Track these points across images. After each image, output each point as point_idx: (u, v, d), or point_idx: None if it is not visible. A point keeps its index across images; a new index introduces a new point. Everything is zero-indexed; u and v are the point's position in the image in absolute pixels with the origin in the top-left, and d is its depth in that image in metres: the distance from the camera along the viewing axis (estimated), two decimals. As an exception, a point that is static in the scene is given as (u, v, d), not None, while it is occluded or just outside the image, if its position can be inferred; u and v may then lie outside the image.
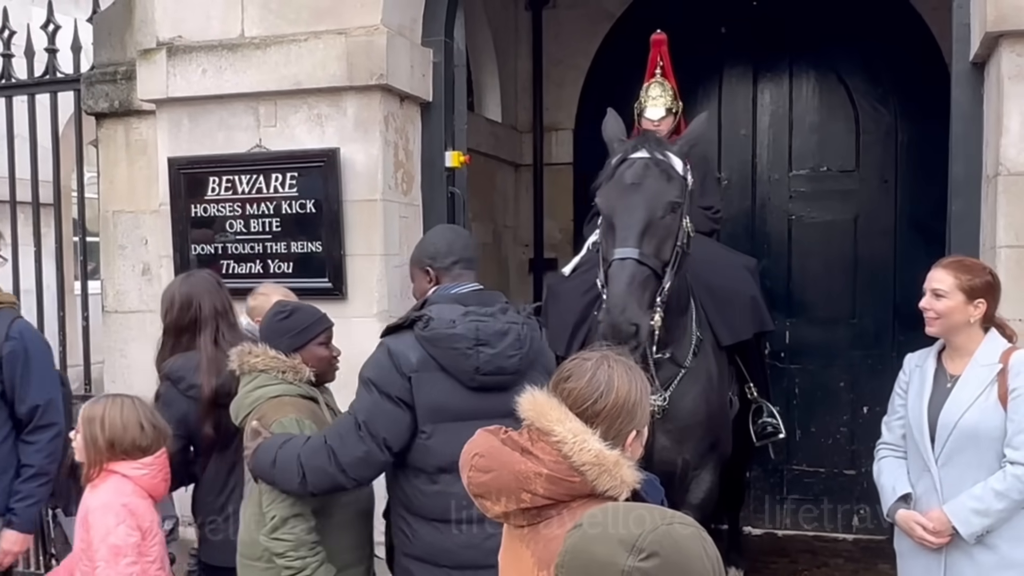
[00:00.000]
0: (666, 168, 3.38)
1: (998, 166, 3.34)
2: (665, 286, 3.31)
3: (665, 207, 3.32)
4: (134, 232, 4.89)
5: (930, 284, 3.05)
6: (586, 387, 1.92)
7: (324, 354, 3.19)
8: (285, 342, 3.13)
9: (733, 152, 6.41)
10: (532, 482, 1.85)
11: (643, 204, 3.27)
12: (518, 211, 6.88)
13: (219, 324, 3.47)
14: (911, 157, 6.02)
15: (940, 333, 3.08)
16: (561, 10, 6.72)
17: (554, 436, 1.86)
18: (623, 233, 3.24)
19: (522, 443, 1.90)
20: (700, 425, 3.71)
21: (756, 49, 6.32)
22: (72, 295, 6.11)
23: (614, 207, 3.33)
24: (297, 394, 3.07)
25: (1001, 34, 3.31)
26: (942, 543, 3.00)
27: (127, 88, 4.75)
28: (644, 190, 3.31)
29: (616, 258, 3.21)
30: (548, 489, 1.85)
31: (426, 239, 3.17)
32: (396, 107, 4.22)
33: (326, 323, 3.23)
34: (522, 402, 1.94)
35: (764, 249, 6.28)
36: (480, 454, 1.94)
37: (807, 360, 6.28)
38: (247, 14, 4.27)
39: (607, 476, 1.85)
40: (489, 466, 1.91)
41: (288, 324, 3.16)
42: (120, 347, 4.94)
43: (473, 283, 2.93)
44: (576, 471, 1.84)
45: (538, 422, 1.89)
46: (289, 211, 4.21)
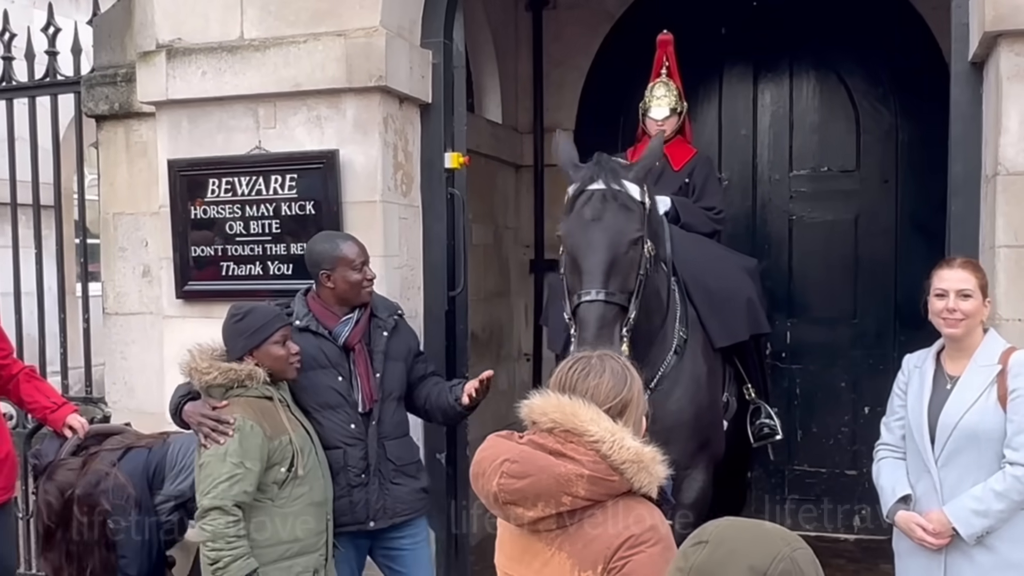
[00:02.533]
0: (623, 200, 3.43)
1: (997, 166, 3.34)
2: (631, 315, 3.39)
3: (627, 244, 3.38)
4: (134, 234, 4.89)
5: (953, 285, 3.02)
6: (611, 380, 1.94)
7: (280, 353, 3.29)
8: (241, 343, 3.26)
9: (734, 152, 6.41)
10: (574, 484, 1.83)
11: (605, 243, 3.34)
12: (519, 212, 6.87)
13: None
14: (912, 157, 6.01)
15: (963, 335, 3.06)
16: (561, 11, 6.72)
17: (590, 436, 1.85)
18: (589, 275, 3.31)
19: (551, 446, 1.88)
20: (686, 425, 3.73)
21: (756, 49, 6.31)
22: (73, 297, 6.12)
23: (577, 244, 3.40)
24: (251, 395, 3.20)
25: (999, 34, 3.31)
26: (942, 544, 3.00)
27: (127, 90, 4.75)
28: (605, 227, 3.36)
29: (584, 300, 3.29)
30: (589, 490, 1.84)
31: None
32: (395, 108, 4.22)
33: (280, 322, 3.33)
34: (539, 405, 1.92)
35: (765, 249, 6.28)
36: (511, 459, 1.89)
37: (808, 360, 6.27)
38: (246, 16, 4.27)
39: (644, 473, 1.87)
40: (525, 471, 1.87)
41: (242, 326, 3.28)
42: (121, 349, 4.94)
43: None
44: (616, 470, 1.84)
45: (568, 423, 1.88)
46: (289, 213, 4.20)
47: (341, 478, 3.45)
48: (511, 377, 6.66)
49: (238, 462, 3.08)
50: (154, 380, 4.69)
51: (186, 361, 3.27)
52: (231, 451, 3.09)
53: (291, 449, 3.21)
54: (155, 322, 4.73)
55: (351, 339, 3.52)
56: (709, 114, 6.45)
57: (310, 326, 3.51)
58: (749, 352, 4.37)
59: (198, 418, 3.19)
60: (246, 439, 3.11)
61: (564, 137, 3.73)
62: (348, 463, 3.47)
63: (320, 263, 3.53)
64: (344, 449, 3.47)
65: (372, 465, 3.50)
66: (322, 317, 3.54)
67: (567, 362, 2.04)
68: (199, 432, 3.19)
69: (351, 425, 3.49)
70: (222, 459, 3.09)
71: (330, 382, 3.48)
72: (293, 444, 3.21)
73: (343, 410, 3.49)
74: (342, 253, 3.51)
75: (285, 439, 3.20)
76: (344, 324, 3.53)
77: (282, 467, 3.19)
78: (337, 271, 3.50)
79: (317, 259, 3.55)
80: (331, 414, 3.47)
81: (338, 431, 3.47)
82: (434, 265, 4.40)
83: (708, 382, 3.87)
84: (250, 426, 3.12)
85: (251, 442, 3.11)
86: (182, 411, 3.28)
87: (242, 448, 3.10)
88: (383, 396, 3.55)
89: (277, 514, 3.19)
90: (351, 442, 3.48)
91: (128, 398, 4.92)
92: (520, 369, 6.80)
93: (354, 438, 3.49)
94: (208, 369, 3.19)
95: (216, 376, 3.18)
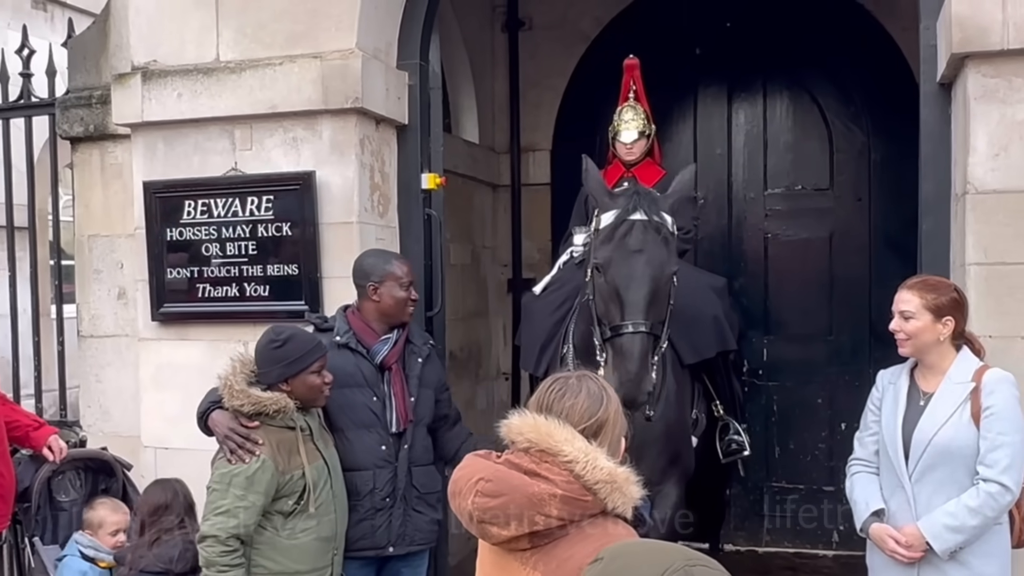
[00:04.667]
0: (665, 233, 3.47)
1: (966, 184, 3.38)
2: (663, 345, 3.47)
3: (667, 277, 3.45)
4: (109, 256, 4.87)
5: (897, 306, 3.09)
6: (586, 401, 1.95)
7: (316, 382, 3.25)
8: (277, 371, 3.20)
9: (709, 171, 6.45)
10: (547, 504, 1.84)
11: (649, 276, 3.38)
12: (496, 231, 6.89)
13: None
14: (884, 175, 6.07)
15: (912, 353, 3.12)
16: (537, 32, 6.76)
17: (564, 456, 1.86)
18: (632, 306, 3.34)
19: (526, 466, 1.88)
20: (656, 441, 3.76)
21: (730, 70, 6.37)
22: (48, 319, 6.07)
23: (619, 275, 3.41)
24: (273, 424, 3.17)
25: (967, 55, 3.36)
26: (915, 558, 3.02)
27: (102, 112, 4.74)
28: (648, 261, 3.40)
29: (627, 332, 3.33)
30: (562, 510, 1.84)
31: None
32: (372, 130, 4.23)
33: (320, 351, 3.29)
34: (516, 424, 1.93)
35: (741, 267, 6.33)
36: (486, 478, 1.89)
37: (785, 377, 6.30)
38: (222, 38, 4.27)
39: (618, 494, 1.87)
40: (499, 491, 1.87)
41: (280, 353, 3.21)
42: (96, 372, 4.91)
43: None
44: (589, 490, 1.85)
45: (543, 443, 1.88)
46: (265, 234, 4.20)
47: (366, 500, 3.43)
48: (490, 396, 6.66)
49: (241, 495, 3.05)
50: (130, 403, 4.66)
51: (226, 374, 3.21)
52: (237, 483, 3.06)
53: (303, 483, 3.17)
54: (130, 344, 4.70)
55: (388, 359, 3.52)
56: (684, 134, 6.51)
57: (350, 343, 3.50)
58: (718, 369, 4.42)
59: (225, 431, 3.15)
60: (256, 472, 3.07)
61: (592, 163, 3.73)
62: (376, 485, 3.44)
63: (369, 275, 3.55)
64: (373, 471, 3.44)
65: (399, 489, 3.48)
66: (362, 334, 3.53)
67: (547, 382, 2.05)
68: (224, 445, 3.15)
69: (382, 447, 3.47)
70: (226, 489, 3.06)
71: (365, 401, 3.47)
72: (306, 478, 3.17)
73: (376, 431, 3.47)
74: (392, 268, 3.55)
75: (298, 473, 3.16)
76: (383, 343, 3.53)
77: (290, 500, 3.16)
78: (384, 285, 3.52)
79: (367, 271, 3.57)
80: (364, 434, 3.46)
81: (369, 452, 3.45)
82: (412, 286, 4.40)
83: (677, 399, 3.91)
84: (262, 460, 3.08)
85: (260, 476, 3.08)
86: (208, 418, 3.24)
87: (248, 481, 3.06)
88: (416, 420, 3.54)
89: (280, 545, 3.16)
90: (381, 464, 3.46)
91: (103, 421, 4.88)
92: (499, 388, 6.79)
93: (384, 460, 3.47)
94: (240, 395, 3.14)
95: (244, 404, 3.14)
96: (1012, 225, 3.33)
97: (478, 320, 6.57)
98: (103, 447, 4.33)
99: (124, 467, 4.18)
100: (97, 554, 3.81)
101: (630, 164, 4.64)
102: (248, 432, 3.13)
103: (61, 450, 3.98)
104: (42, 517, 3.98)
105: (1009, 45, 3.29)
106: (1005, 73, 3.35)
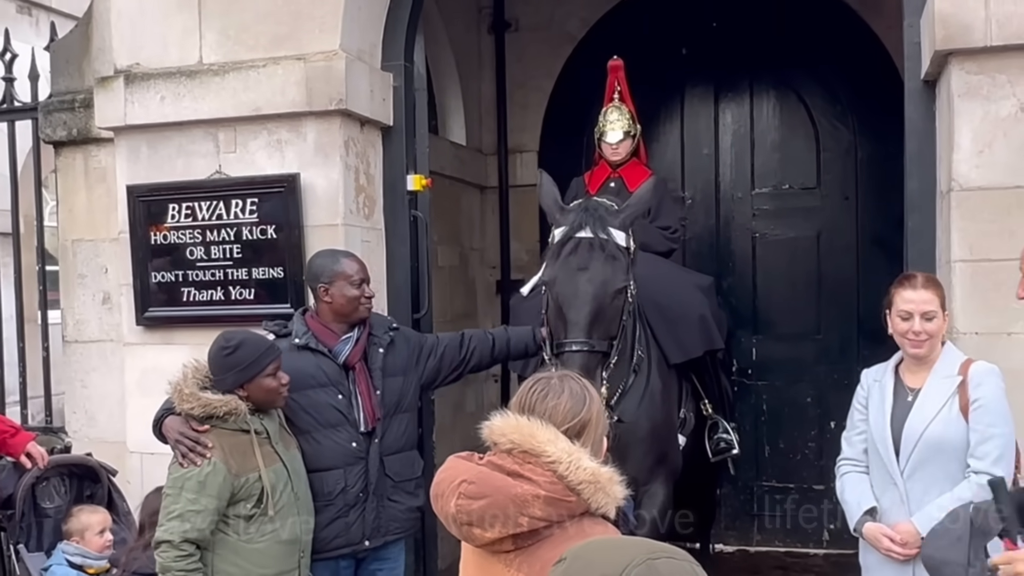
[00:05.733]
0: (610, 250, 3.46)
1: (951, 182, 3.39)
2: (612, 359, 3.46)
3: (612, 294, 3.43)
4: (94, 260, 4.84)
5: (919, 307, 3.02)
6: (569, 401, 1.94)
7: (272, 385, 3.23)
8: (231, 378, 3.18)
9: (696, 171, 6.46)
10: (530, 505, 1.82)
11: (591, 294, 3.38)
12: (484, 233, 6.87)
13: None
14: (871, 174, 6.08)
15: (927, 353, 3.08)
16: (523, 33, 6.75)
17: (547, 456, 1.84)
18: (574, 325, 3.36)
19: (508, 467, 1.87)
20: (642, 442, 3.75)
21: (717, 70, 6.37)
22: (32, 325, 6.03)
23: (562, 294, 3.42)
24: (226, 427, 3.16)
25: (950, 52, 3.36)
26: (910, 555, 3.01)
27: (85, 116, 4.72)
28: (591, 279, 3.40)
29: (568, 350, 3.35)
30: (545, 511, 1.83)
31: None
32: (356, 132, 4.21)
33: (273, 354, 3.25)
34: (499, 426, 1.92)
35: (729, 267, 6.33)
36: (469, 480, 1.88)
37: (774, 376, 6.30)
38: (205, 40, 4.25)
39: (601, 494, 1.86)
40: (482, 492, 1.85)
41: (232, 360, 3.18)
42: (81, 377, 4.88)
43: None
44: (572, 490, 1.83)
45: (526, 444, 1.87)
46: (250, 237, 4.18)
47: (339, 499, 3.40)
48: (479, 398, 6.64)
49: (193, 498, 3.04)
50: (115, 408, 4.63)
51: (177, 380, 3.19)
52: (189, 487, 3.05)
53: (259, 486, 3.14)
54: (116, 349, 4.67)
55: (351, 358, 3.48)
56: (671, 134, 6.51)
57: (309, 344, 3.47)
58: (705, 368, 4.42)
59: (176, 435, 3.14)
60: (207, 476, 3.06)
61: (547, 178, 3.73)
62: (348, 483, 3.42)
63: (319, 276, 3.51)
64: (344, 469, 3.42)
65: (372, 483, 3.46)
66: (321, 336, 3.49)
67: (528, 383, 2.04)
68: (176, 450, 3.14)
69: (352, 444, 3.44)
70: (179, 494, 3.06)
71: (330, 400, 3.44)
72: (263, 481, 3.15)
73: (344, 428, 3.44)
74: (341, 267, 3.50)
75: (253, 476, 3.14)
76: (344, 343, 3.49)
77: (248, 503, 3.14)
78: (335, 285, 3.47)
79: (316, 272, 3.53)
80: (331, 433, 3.43)
81: (338, 451, 3.42)
82: (398, 287, 4.38)
83: (663, 398, 3.91)
84: (213, 464, 3.07)
85: (211, 479, 3.06)
86: (162, 424, 3.22)
87: (200, 485, 3.05)
88: (385, 413, 3.51)
89: (242, 549, 3.14)
90: (351, 461, 3.43)
91: (89, 427, 4.85)
92: (488, 390, 6.77)
93: (355, 457, 3.44)
94: (190, 398, 3.13)
95: (194, 407, 3.12)
96: (997, 222, 3.34)
97: (466, 322, 6.54)
98: (88, 453, 4.29)
99: (109, 473, 4.15)
100: (85, 560, 3.79)
101: (616, 164, 4.64)
102: (198, 436, 3.11)
103: (42, 456, 3.94)
104: (27, 524, 3.96)
105: (992, 42, 3.30)
106: (988, 70, 3.36)
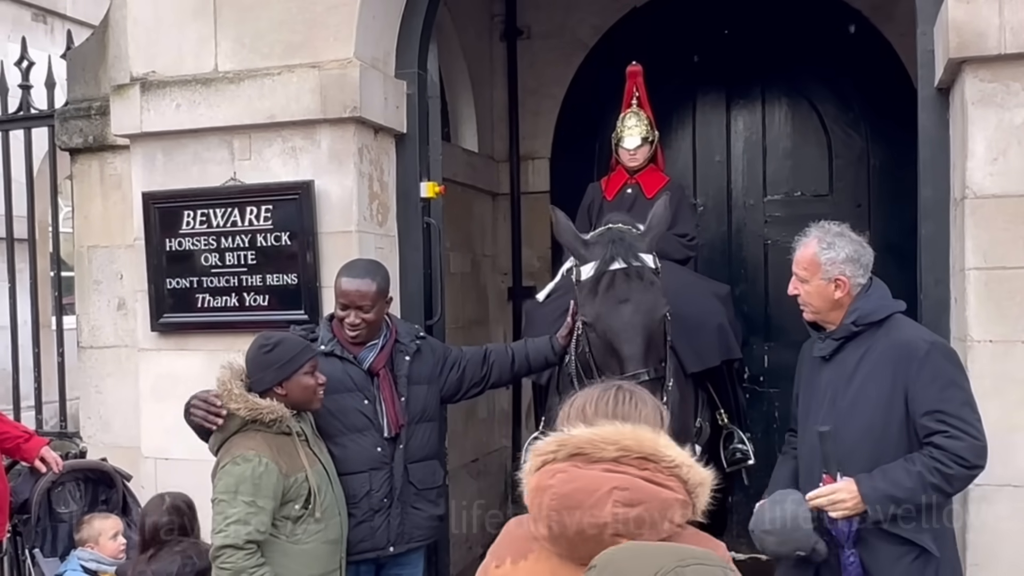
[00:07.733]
0: (648, 277, 3.44)
1: (965, 189, 3.38)
2: (669, 383, 3.43)
3: (659, 321, 3.41)
4: (109, 267, 4.88)
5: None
6: (651, 408, 1.92)
7: (310, 383, 3.26)
8: (270, 375, 3.20)
9: (708, 178, 6.45)
10: (673, 509, 1.76)
11: (640, 325, 3.34)
12: (496, 240, 6.88)
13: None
14: (883, 181, 6.07)
15: None
16: (535, 40, 6.77)
17: (669, 460, 1.78)
18: (631, 359, 3.30)
19: (636, 473, 1.78)
20: None
21: (729, 77, 6.38)
22: (48, 330, 6.07)
23: (611, 329, 3.36)
24: (270, 430, 3.15)
25: (964, 60, 3.36)
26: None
27: (101, 123, 4.75)
28: (636, 308, 3.36)
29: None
30: (683, 515, 1.77)
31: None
32: (370, 139, 4.23)
33: (309, 352, 3.29)
34: (604, 434, 1.81)
35: (741, 274, 6.32)
36: (620, 487, 1.75)
37: (786, 384, 6.17)
38: (220, 48, 4.28)
39: (704, 497, 1.81)
40: (638, 499, 1.74)
41: (271, 357, 3.21)
42: (96, 383, 4.91)
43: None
44: (690, 494, 1.79)
45: (646, 449, 1.79)
46: (264, 244, 4.20)
47: (363, 503, 3.42)
48: (491, 405, 6.64)
49: (250, 500, 3.04)
50: (130, 414, 4.66)
51: (225, 378, 3.19)
52: (244, 490, 3.04)
53: (307, 486, 3.17)
54: (130, 355, 4.70)
55: (376, 364, 3.51)
56: (683, 141, 6.51)
57: (335, 351, 3.50)
58: (722, 378, 4.38)
59: (194, 401, 3.21)
60: (260, 477, 3.06)
61: (561, 214, 3.66)
62: (373, 487, 3.44)
63: (335, 293, 3.57)
64: (369, 474, 3.44)
65: (396, 489, 3.48)
66: (347, 343, 3.53)
67: (597, 394, 1.96)
68: (192, 419, 3.19)
69: (377, 448, 3.46)
70: (234, 497, 3.04)
71: (357, 405, 3.47)
72: (309, 481, 3.17)
73: (370, 433, 3.46)
74: (339, 288, 3.51)
75: (301, 476, 3.16)
76: (369, 350, 3.52)
77: (297, 504, 3.15)
78: (338, 303, 3.54)
79: (335, 288, 3.57)
80: (358, 437, 3.45)
81: (364, 455, 3.44)
82: (411, 294, 4.40)
83: (680, 408, 3.88)
84: (265, 463, 3.07)
85: (265, 480, 3.06)
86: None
87: (254, 487, 3.05)
88: (409, 420, 3.54)
89: (290, 551, 3.15)
90: (376, 466, 3.46)
91: (103, 432, 4.87)
92: (500, 397, 6.78)
93: (380, 462, 3.46)
94: (238, 398, 3.13)
95: (240, 408, 3.13)
96: (1011, 229, 3.33)
97: (478, 328, 6.56)
98: (103, 458, 4.32)
99: (124, 478, 4.18)
100: (99, 566, 3.80)
101: (633, 170, 4.63)
102: (209, 403, 3.17)
103: (56, 461, 3.97)
104: (42, 528, 3.99)
105: (1006, 49, 3.29)
106: (1003, 77, 3.35)
